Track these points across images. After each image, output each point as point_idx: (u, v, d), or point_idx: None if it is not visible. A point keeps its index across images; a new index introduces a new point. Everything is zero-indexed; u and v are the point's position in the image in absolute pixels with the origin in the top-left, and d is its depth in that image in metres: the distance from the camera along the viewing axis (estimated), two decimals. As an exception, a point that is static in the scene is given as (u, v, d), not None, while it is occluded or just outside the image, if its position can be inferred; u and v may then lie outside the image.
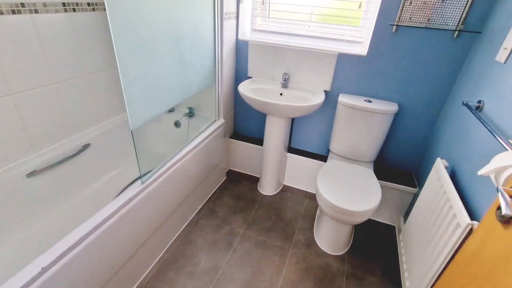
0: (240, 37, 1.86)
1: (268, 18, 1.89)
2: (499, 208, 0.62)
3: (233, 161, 2.25)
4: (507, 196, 0.58)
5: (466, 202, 1.06)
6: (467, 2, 1.30)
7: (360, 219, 1.38)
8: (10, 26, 1.12)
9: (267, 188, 2.05)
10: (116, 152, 1.75)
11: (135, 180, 1.29)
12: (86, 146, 1.55)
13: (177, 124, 1.92)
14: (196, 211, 1.82)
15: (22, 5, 1.15)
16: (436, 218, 1.14)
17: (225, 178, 2.19)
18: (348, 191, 1.44)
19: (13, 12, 1.12)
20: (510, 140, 0.74)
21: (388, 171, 1.82)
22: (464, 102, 1.16)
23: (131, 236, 1.21)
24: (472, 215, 0.99)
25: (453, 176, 1.22)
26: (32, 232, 1.33)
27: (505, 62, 1.04)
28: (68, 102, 1.44)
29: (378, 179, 1.66)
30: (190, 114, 1.90)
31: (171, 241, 1.59)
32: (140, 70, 1.08)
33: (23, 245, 1.27)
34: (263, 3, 1.84)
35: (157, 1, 1.12)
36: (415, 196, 1.68)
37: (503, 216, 0.59)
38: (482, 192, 0.99)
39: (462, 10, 1.32)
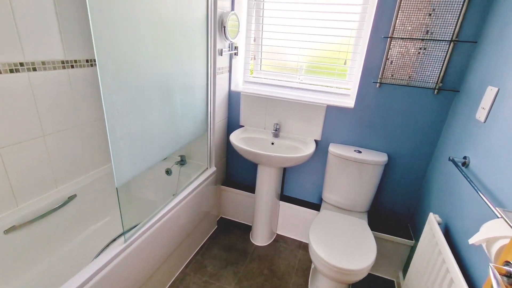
0: (232, 88, 1.94)
1: (260, 70, 1.99)
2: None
3: (225, 208, 2.19)
4: (498, 276, 0.55)
5: (463, 264, 1.02)
6: (443, 62, 1.39)
7: (355, 278, 1.30)
8: (6, 84, 1.16)
9: (260, 238, 1.96)
10: (104, 201, 1.70)
11: (119, 235, 1.23)
12: (72, 197, 1.51)
13: (168, 172, 1.90)
14: (183, 266, 1.72)
15: (21, 64, 1.20)
16: (434, 280, 1.08)
17: (216, 226, 2.11)
18: (342, 247, 1.38)
19: (11, 71, 1.17)
20: (498, 208, 0.74)
21: (383, 222, 1.78)
22: (450, 157, 1.18)
23: (108, 301, 1.12)
24: (471, 280, 0.94)
25: (448, 233, 1.19)
26: (1, 295, 1.22)
27: (485, 121, 1.08)
28: (57, 153, 1.43)
29: (373, 230, 1.62)
30: (182, 162, 1.89)
31: (154, 302, 1.47)
32: (129, 127, 1.09)
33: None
34: (254, 58, 1.95)
35: (150, 59, 1.18)
36: (412, 248, 1.62)
37: (498, 298, 0.56)
38: (478, 254, 0.95)
39: (439, 69, 1.41)
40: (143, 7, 1.08)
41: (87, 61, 1.49)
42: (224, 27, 1.59)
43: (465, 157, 1.16)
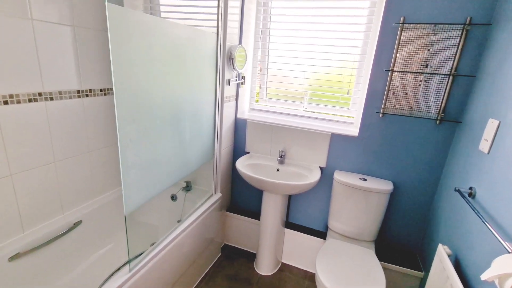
0: (239, 115, 1.99)
1: (265, 98, 2.06)
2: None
3: (229, 235, 2.16)
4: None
5: (476, 300, 0.99)
6: (444, 94, 1.44)
7: (365, 313, 1.26)
8: (24, 113, 1.21)
9: (264, 266, 1.92)
10: (108, 228, 1.69)
11: (124, 264, 1.22)
12: (78, 223, 1.51)
13: (173, 197, 1.90)
14: (186, 296, 1.67)
15: (40, 94, 1.26)
16: (447, 316, 1.05)
17: (220, 254, 2.07)
18: (350, 279, 1.35)
19: (30, 100, 1.22)
20: (508, 243, 0.74)
21: (391, 251, 1.74)
22: (456, 188, 1.18)
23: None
24: (485, 318, 0.91)
25: (458, 265, 1.17)
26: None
27: (488, 153, 1.10)
28: (65, 179, 1.45)
29: (380, 260, 1.59)
30: (187, 188, 1.90)
31: (155, 336, 1.41)
32: (140, 155, 1.12)
33: None
34: (260, 87, 2.02)
35: (163, 89, 1.23)
36: (422, 280, 1.57)
37: None
38: (490, 290, 0.93)
39: (440, 101, 1.46)
40: (160, 41, 1.15)
41: (100, 90, 1.56)
42: (232, 59, 1.67)
43: (471, 188, 1.17)
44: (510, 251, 0.74)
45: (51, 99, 1.31)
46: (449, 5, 1.35)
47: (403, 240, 1.76)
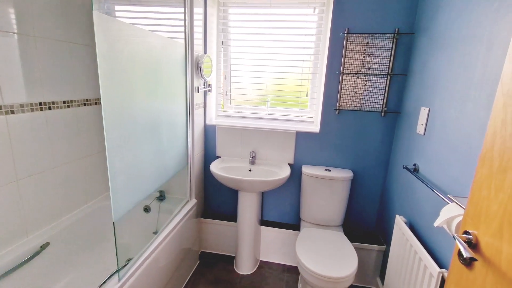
0: (207, 122, 2.05)
1: (230, 104, 2.16)
2: (459, 253, 0.76)
3: (206, 242, 2.16)
4: (462, 241, 0.73)
5: (432, 252, 1.21)
6: (385, 91, 1.73)
7: (344, 285, 1.41)
8: (-17, 128, 1.11)
9: (244, 266, 1.97)
10: (73, 252, 1.56)
11: (110, 276, 1.17)
12: (45, 245, 1.39)
13: (146, 209, 1.85)
14: (171, 307, 1.63)
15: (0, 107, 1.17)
16: (410, 273, 1.25)
17: (198, 262, 2.06)
18: (328, 258, 1.49)
19: (-11, 114, 1.13)
20: (448, 195, 0.95)
21: (356, 233, 1.96)
22: (404, 166, 1.43)
23: None
24: (441, 263, 1.13)
25: (413, 229, 1.40)
26: None
27: (424, 134, 1.37)
28: (29, 199, 1.34)
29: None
30: (161, 197, 1.88)
31: None
32: (124, 161, 1.12)
33: None
34: (226, 94, 2.13)
35: (142, 97, 1.25)
36: (385, 254, 1.80)
37: (465, 260, 0.73)
38: (442, 240, 1.15)
39: (383, 97, 1.74)
40: (138, 50, 1.18)
41: (64, 102, 1.49)
42: (200, 67, 1.75)
43: (415, 164, 1.43)
44: (449, 202, 0.96)
45: (12, 112, 1.22)
46: (381, 19, 1.65)
47: (364, 221, 1.99)
